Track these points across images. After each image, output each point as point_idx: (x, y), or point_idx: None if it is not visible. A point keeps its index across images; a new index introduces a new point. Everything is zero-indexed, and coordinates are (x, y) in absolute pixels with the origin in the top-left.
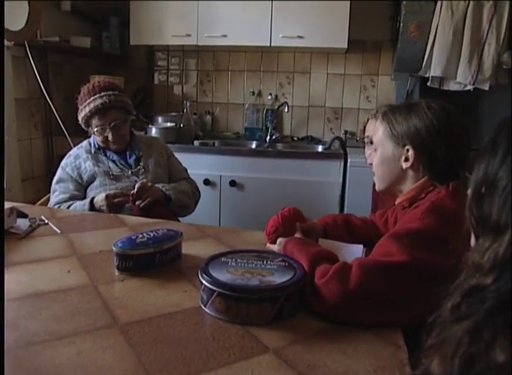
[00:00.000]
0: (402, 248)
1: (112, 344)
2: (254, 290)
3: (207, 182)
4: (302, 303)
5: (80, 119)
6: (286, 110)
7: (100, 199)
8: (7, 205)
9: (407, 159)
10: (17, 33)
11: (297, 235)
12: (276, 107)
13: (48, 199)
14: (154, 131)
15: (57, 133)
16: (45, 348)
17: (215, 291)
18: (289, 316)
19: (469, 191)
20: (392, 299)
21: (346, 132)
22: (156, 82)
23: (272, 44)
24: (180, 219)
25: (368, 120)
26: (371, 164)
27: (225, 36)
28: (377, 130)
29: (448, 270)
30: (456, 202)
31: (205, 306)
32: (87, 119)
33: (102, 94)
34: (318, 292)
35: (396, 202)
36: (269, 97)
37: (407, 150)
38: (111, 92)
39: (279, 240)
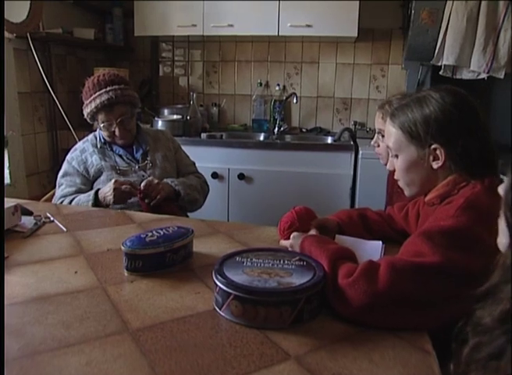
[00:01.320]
0: (434, 248)
1: (123, 353)
2: (272, 292)
3: (215, 175)
4: (322, 305)
5: (85, 114)
6: (294, 101)
7: (107, 187)
8: (12, 202)
9: (435, 158)
10: (19, 25)
11: (312, 232)
12: (284, 98)
13: (53, 195)
14: (160, 124)
15: (61, 127)
16: (53, 358)
17: (230, 293)
18: (309, 319)
19: (505, 186)
20: (423, 302)
21: (355, 123)
22: (161, 74)
23: (280, 34)
24: (189, 214)
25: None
26: (392, 170)
27: (231, 25)
28: (390, 135)
29: (483, 272)
30: (492, 199)
31: (220, 309)
32: (93, 115)
33: (108, 88)
34: (342, 293)
35: (426, 199)
36: (277, 88)
37: (435, 149)
38: (117, 86)
39: (294, 234)
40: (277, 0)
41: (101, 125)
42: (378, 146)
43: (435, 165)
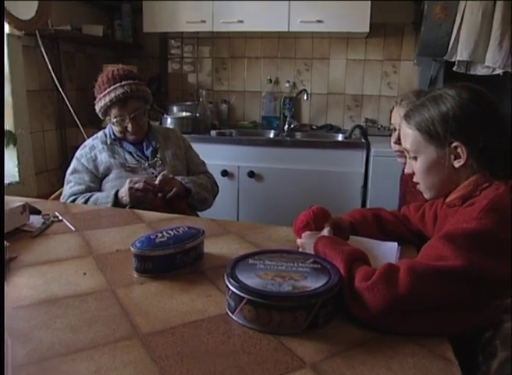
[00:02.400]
0: (457, 251)
1: (133, 359)
2: (287, 297)
3: (224, 173)
4: (337, 309)
5: (97, 108)
6: (304, 98)
7: (123, 191)
8: (20, 201)
9: (456, 157)
10: (28, 22)
11: (326, 232)
12: (294, 95)
13: (62, 193)
14: (169, 121)
15: (70, 125)
16: (61, 364)
17: (243, 297)
18: (325, 324)
19: None
20: (444, 307)
21: (366, 120)
22: (170, 70)
23: (290, 30)
24: (198, 213)
25: (393, 108)
26: (410, 173)
27: (241, 21)
28: (407, 137)
29: (507, 277)
30: None
31: (233, 314)
32: (106, 109)
33: (123, 83)
34: (359, 297)
35: (447, 201)
36: (287, 84)
37: (455, 147)
38: (131, 81)
39: (306, 233)
40: None
41: (114, 120)
42: (394, 143)
43: (456, 164)
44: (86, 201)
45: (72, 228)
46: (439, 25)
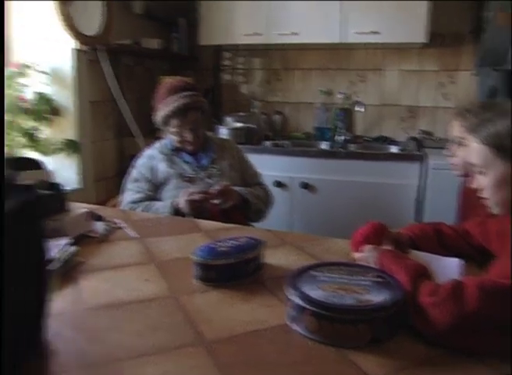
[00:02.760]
0: None
1: (197, 365)
2: (350, 310)
3: (278, 184)
4: (401, 324)
5: (157, 118)
6: (358, 109)
7: (181, 197)
8: (85, 207)
9: None
10: (92, 38)
11: (387, 247)
12: (347, 106)
13: (120, 200)
14: (223, 132)
15: (128, 135)
16: (129, 367)
17: (306, 308)
18: (388, 338)
19: None
20: None
21: (422, 132)
22: (223, 82)
23: (345, 41)
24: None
25: (453, 120)
26: (475, 188)
27: (295, 34)
28: (473, 151)
29: None
30: None
31: (294, 324)
32: (166, 119)
33: (184, 94)
34: (425, 313)
35: None
36: (340, 96)
37: None
38: (191, 93)
39: (368, 247)
40: (342, 7)
41: (174, 130)
42: (454, 156)
43: None
44: (144, 210)
45: (134, 235)
46: (501, 32)
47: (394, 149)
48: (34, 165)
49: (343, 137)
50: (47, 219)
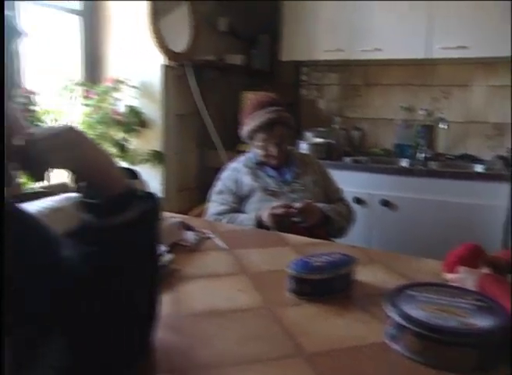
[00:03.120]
0: None
1: None
2: (457, 332)
3: (357, 200)
4: (508, 354)
5: (243, 132)
6: (441, 126)
7: (265, 211)
8: (173, 218)
9: None
10: (180, 54)
11: (485, 270)
12: (429, 123)
13: (202, 210)
14: (304, 147)
15: (210, 147)
16: (235, 373)
17: (408, 328)
18: (493, 367)
19: None
20: None
21: (510, 150)
22: (303, 97)
23: (430, 57)
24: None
25: None
26: None
27: (378, 50)
28: None
29: None
30: None
31: (394, 343)
32: (253, 133)
33: (270, 109)
34: None
35: None
36: (422, 112)
37: None
38: (277, 108)
39: (464, 269)
40: (428, 22)
41: (259, 144)
42: None
43: None
44: (229, 221)
45: (224, 246)
46: None
47: (479, 168)
48: (132, 174)
49: (424, 155)
50: None
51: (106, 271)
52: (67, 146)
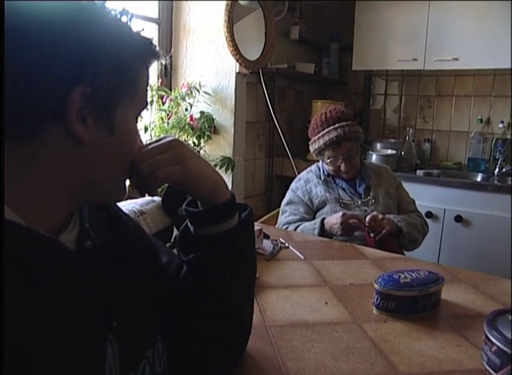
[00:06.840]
0: None
1: None
2: None
3: (429, 215)
4: None
5: (312, 149)
6: None
7: (334, 218)
8: (257, 225)
9: None
10: (254, 62)
11: None
12: (509, 136)
13: (269, 218)
14: (374, 158)
15: (277, 155)
16: None
17: None
18: None
19: None
20: None
21: None
22: (372, 107)
23: None
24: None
25: None
26: None
27: (456, 59)
28: None
29: None
30: None
31: (496, 372)
32: (320, 151)
33: (336, 125)
34: None
35: None
36: (500, 125)
37: None
38: (344, 123)
39: None
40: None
41: (328, 160)
42: None
43: None
44: (295, 229)
45: (301, 256)
46: None
47: None
48: None
49: (501, 170)
50: None
51: (212, 277)
52: (177, 160)
